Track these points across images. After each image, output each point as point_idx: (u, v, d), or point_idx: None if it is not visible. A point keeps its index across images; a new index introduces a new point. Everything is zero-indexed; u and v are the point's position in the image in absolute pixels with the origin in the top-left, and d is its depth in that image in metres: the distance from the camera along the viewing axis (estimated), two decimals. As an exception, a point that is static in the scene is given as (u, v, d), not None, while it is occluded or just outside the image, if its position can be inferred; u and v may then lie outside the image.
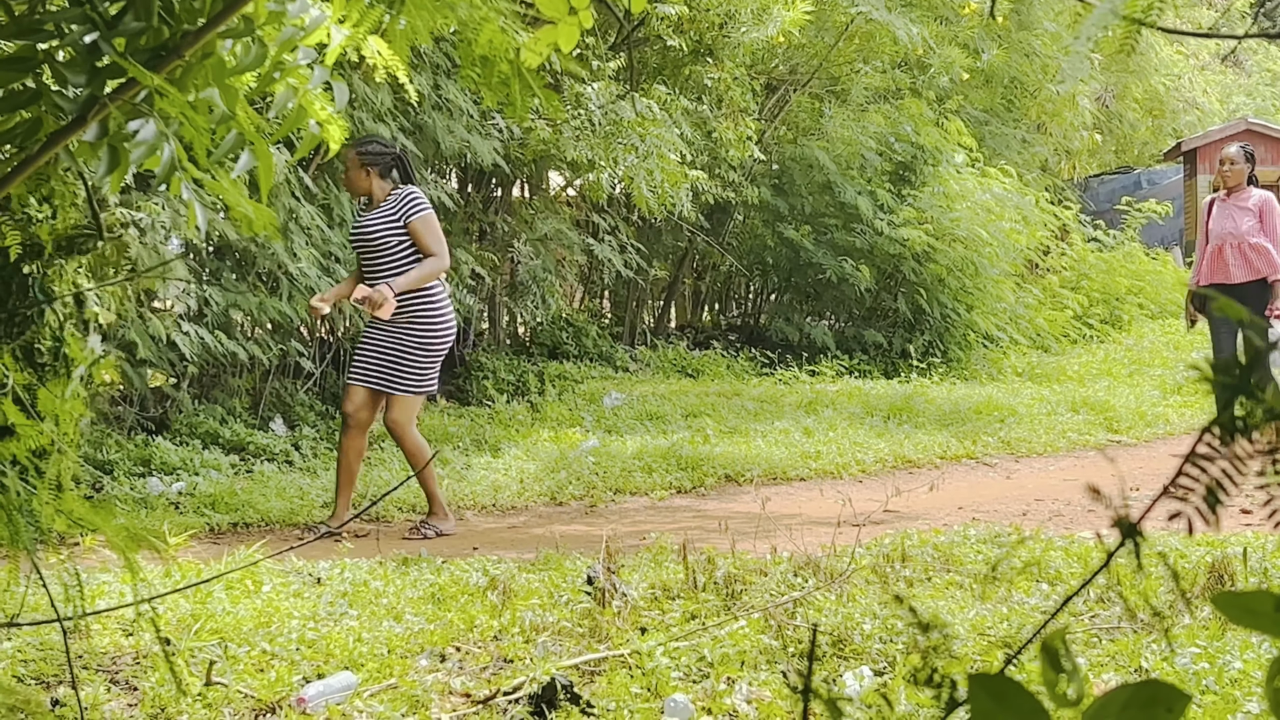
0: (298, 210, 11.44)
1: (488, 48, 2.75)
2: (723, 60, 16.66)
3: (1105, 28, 2.29)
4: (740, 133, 16.69)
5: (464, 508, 10.10)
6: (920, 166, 19.04)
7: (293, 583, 6.84)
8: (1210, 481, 1.18)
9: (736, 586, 6.52)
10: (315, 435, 11.97)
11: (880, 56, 19.53)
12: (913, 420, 13.90)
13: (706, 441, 12.36)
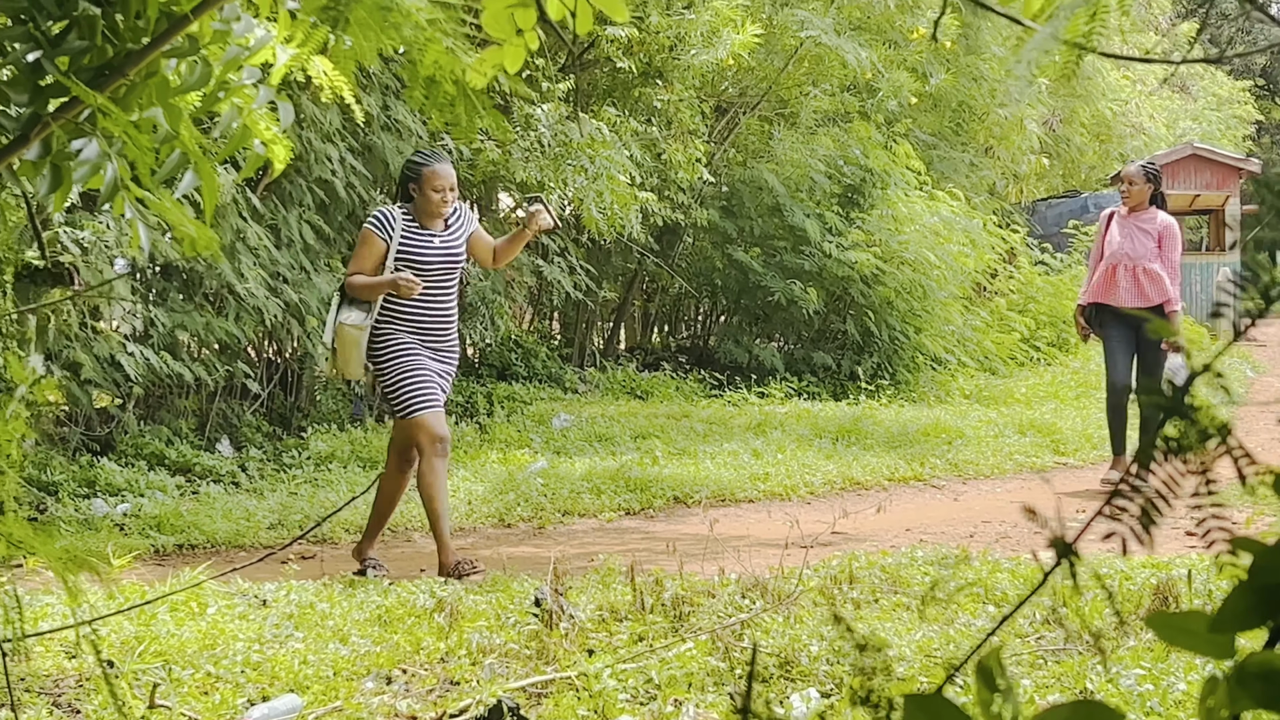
0: (245, 230, 11.39)
1: (433, 69, 2.75)
2: (672, 82, 16.70)
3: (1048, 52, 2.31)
4: (690, 155, 16.73)
5: (411, 529, 10.07)
6: (869, 189, 19.11)
7: (238, 604, 6.80)
8: (1144, 502, 1.19)
9: (684, 608, 6.52)
10: (262, 456, 11.91)
11: (829, 80, 19.59)
12: (861, 442, 13.93)
13: (655, 463, 12.36)
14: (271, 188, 12.09)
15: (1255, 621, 1.14)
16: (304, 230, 12.24)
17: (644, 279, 20.02)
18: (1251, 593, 1.13)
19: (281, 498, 10.59)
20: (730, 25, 16.16)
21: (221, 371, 11.88)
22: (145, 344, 11.00)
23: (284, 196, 12.19)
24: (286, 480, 11.30)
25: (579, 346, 18.50)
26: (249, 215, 11.55)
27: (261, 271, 11.61)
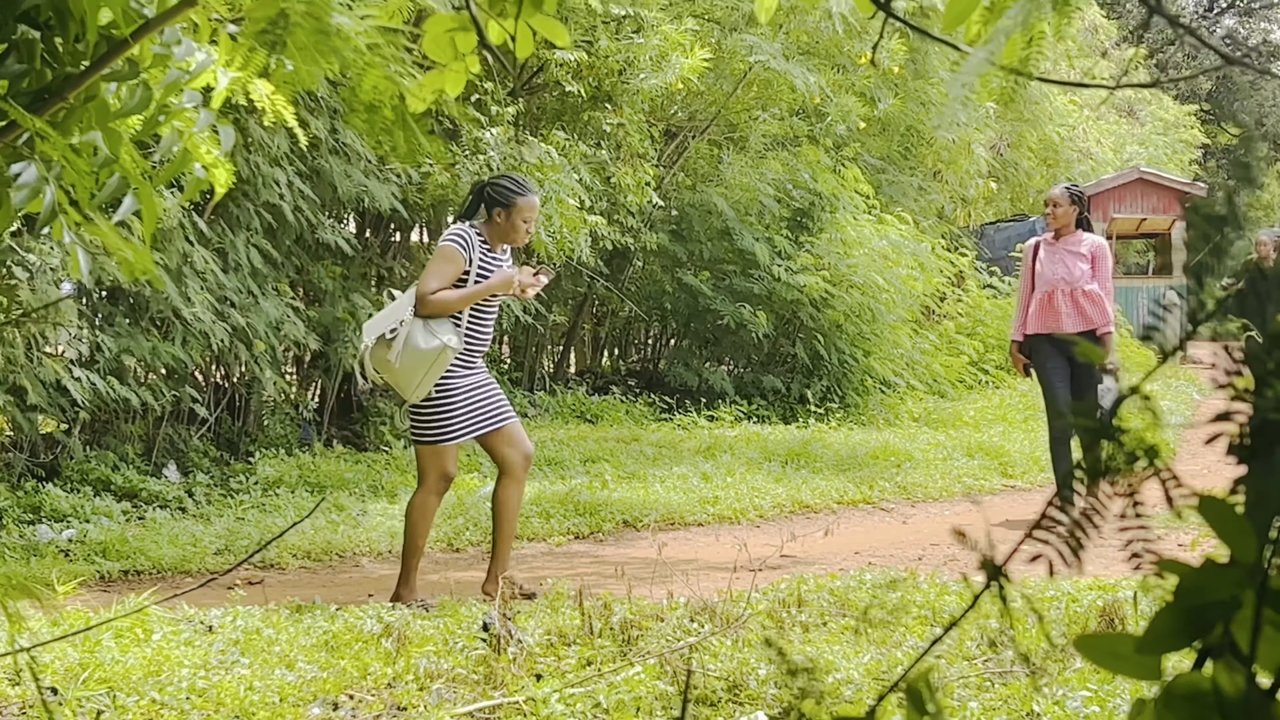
0: (192, 254, 11.34)
1: (372, 94, 2.74)
2: (621, 106, 16.72)
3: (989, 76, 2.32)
4: (639, 178, 16.75)
5: (359, 554, 10.03)
6: (817, 213, 19.18)
7: (184, 631, 6.75)
8: (1071, 525, 1.20)
9: (633, 632, 6.51)
10: (209, 482, 11.84)
11: (778, 104, 19.66)
12: (810, 465, 13.96)
13: (605, 487, 12.35)
14: (218, 211, 12.05)
15: (1181, 643, 1.14)
16: (251, 254, 12.19)
17: (594, 302, 20.02)
18: (1177, 615, 1.13)
19: (228, 523, 10.53)
20: (679, 50, 16.20)
21: (168, 396, 11.81)
22: (91, 369, 10.93)
23: (231, 220, 12.14)
24: (234, 505, 11.24)
25: (529, 370, 18.48)
26: (195, 239, 11.50)
27: (208, 295, 11.56)
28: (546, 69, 15.87)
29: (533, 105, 16.97)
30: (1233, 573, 1.11)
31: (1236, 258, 1.16)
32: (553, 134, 15.75)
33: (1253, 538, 1.11)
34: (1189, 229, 1.16)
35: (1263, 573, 1.09)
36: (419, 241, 16.64)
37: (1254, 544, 1.10)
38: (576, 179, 15.33)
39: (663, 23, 16.36)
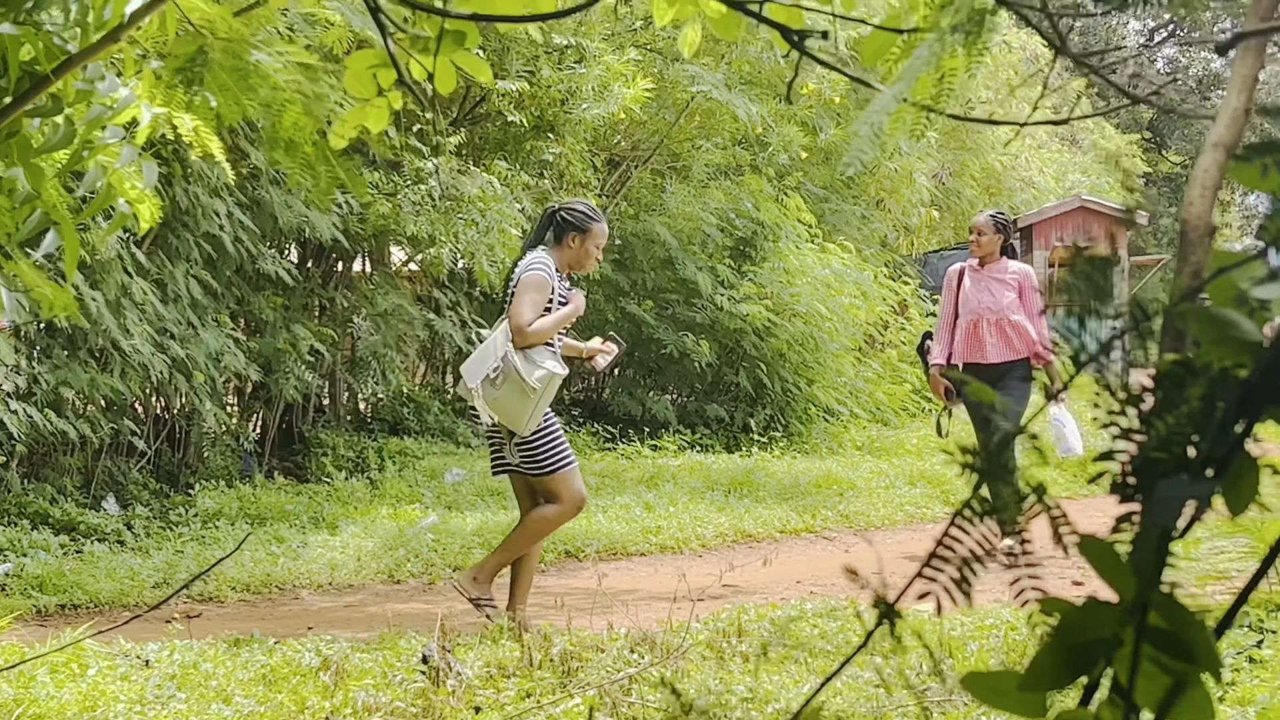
0: (130, 286, 11.28)
1: (292, 130, 2.74)
2: (564, 136, 16.74)
3: (905, 116, 2.34)
4: (581, 208, 16.74)
5: (299, 587, 9.98)
6: (760, 242, 19.23)
7: (120, 665, 6.70)
8: (960, 561, 1.21)
9: (573, 664, 6.51)
10: (149, 514, 11.76)
11: (721, 133, 19.70)
12: (753, 494, 13.97)
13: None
14: (157, 243, 12.00)
15: (1064, 680, 1.15)
16: (191, 285, 12.13)
17: (537, 332, 19.98)
18: (1060, 652, 1.15)
19: (167, 556, 10.46)
20: (621, 80, 16.24)
21: (107, 428, 11.73)
22: (28, 401, 10.85)
23: (170, 251, 12.08)
24: (173, 538, 11.16)
25: (472, 401, 18.43)
26: (134, 270, 11.44)
27: (147, 327, 11.50)
28: (488, 99, 15.88)
29: (475, 135, 16.97)
30: (1113, 610, 1.13)
31: (1120, 299, 1.18)
32: (495, 164, 15.76)
33: (1131, 576, 1.12)
34: (1069, 270, 1.18)
35: (1142, 610, 1.10)
36: (361, 271, 16.61)
37: (1133, 582, 1.12)
38: (519, 209, 15.33)
39: (605, 53, 16.39)
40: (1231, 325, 1.14)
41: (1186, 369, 1.14)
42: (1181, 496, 1.10)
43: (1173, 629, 1.10)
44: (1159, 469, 1.14)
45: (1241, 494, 1.16)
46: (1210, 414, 1.13)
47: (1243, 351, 1.14)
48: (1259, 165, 1.17)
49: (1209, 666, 1.10)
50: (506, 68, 15.49)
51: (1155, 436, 1.14)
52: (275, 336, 13.64)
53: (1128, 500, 1.15)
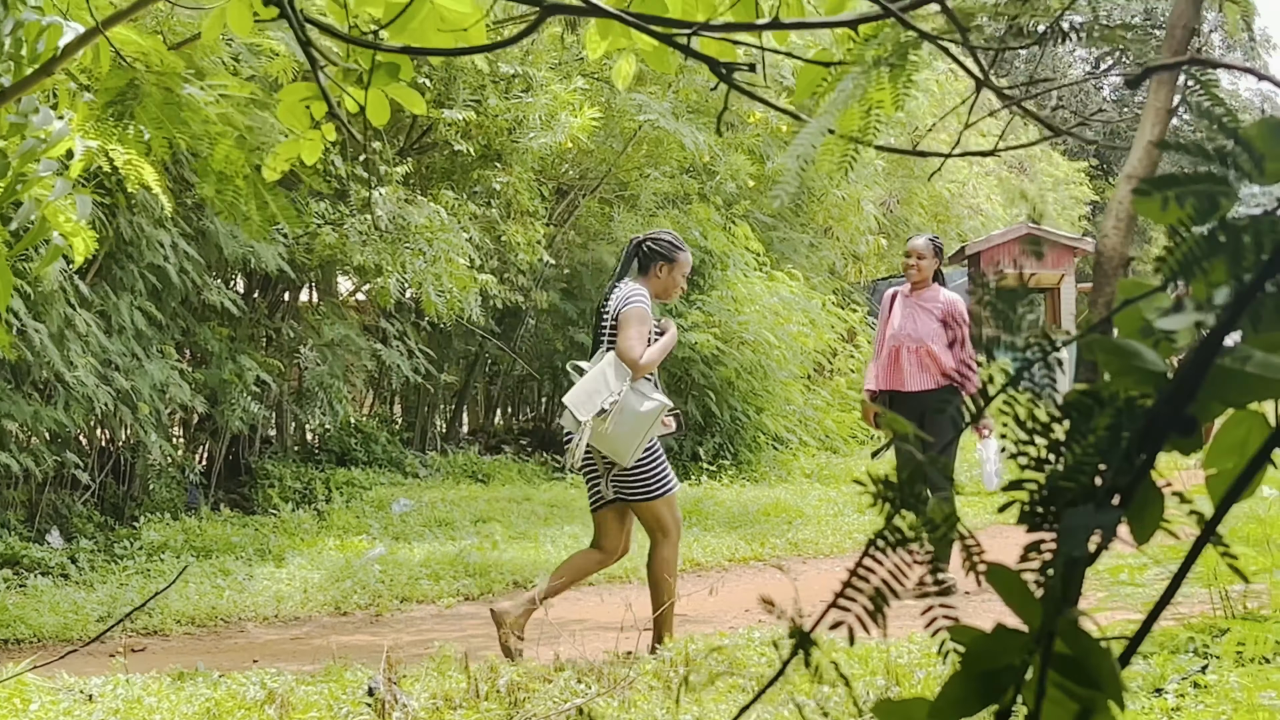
0: (73, 318, 11.22)
1: (224, 163, 2.74)
2: (511, 165, 16.75)
3: (832, 148, 2.36)
4: (529, 237, 16.77)
5: (245, 619, 9.93)
6: (708, 270, 19.27)
7: (63, 700, 6.65)
8: (872, 590, 1.22)
9: (519, 694, 6.50)
10: (93, 547, 11.67)
11: (668, 162, 19.75)
12: (702, 523, 13.97)
13: (495, 547, 12.31)
14: (101, 274, 11.93)
15: (973, 708, 1.16)
16: (135, 316, 12.06)
17: (486, 362, 19.99)
18: (969, 680, 1.16)
19: (112, 589, 10.38)
20: (568, 109, 16.26)
21: (51, 461, 11.64)
22: (-29, 434, 10.78)
23: (114, 282, 12.02)
24: (118, 571, 11.09)
25: (420, 430, 18.40)
26: (77, 302, 11.38)
27: (91, 359, 11.43)
28: (435, 128, 15.88)
29: (422, 164, 16.97)
30: (1021, 638, 1.14)
31: (1030, 330, 1.19)
32: (442, 193, 15.75)
33: (1037, 604, 1.13)
34: (986, 306, 1.20)
35: (1048, 638, 1.11)
36: (308, 301, 16.57)
37: (1038, 610, 1.13)
38: (466, 238, 15.32)
39: (552, 82, 16.42)
40: (1136, 356, 1.16)
41: (1093, 399, 1.16)
42: (1087, 525, 1.12)
43: (1078, 656, 1.11)
44: (1067, 498, 1.15)
45: (1146, 522, 1.18)
46: (1116, 443, 1.15)
47: (1147, 381, 1.15)
48: (1159, 199, 1.19)
49: (1112, 694, 1.11)
50: (453, 97, 15.50)
51: (1064, 466, 1.16)
52: (221, 367, 13.59)
53: (1036, 529, 1.17)
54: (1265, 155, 1.19)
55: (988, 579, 1.17)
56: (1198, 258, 1.16)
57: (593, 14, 2.38)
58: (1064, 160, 43.57)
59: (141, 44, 2.76)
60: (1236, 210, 1.18)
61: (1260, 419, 1.25)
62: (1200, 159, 1.19)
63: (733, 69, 2.12)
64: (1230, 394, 1.15)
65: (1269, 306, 1.15)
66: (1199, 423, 1.15)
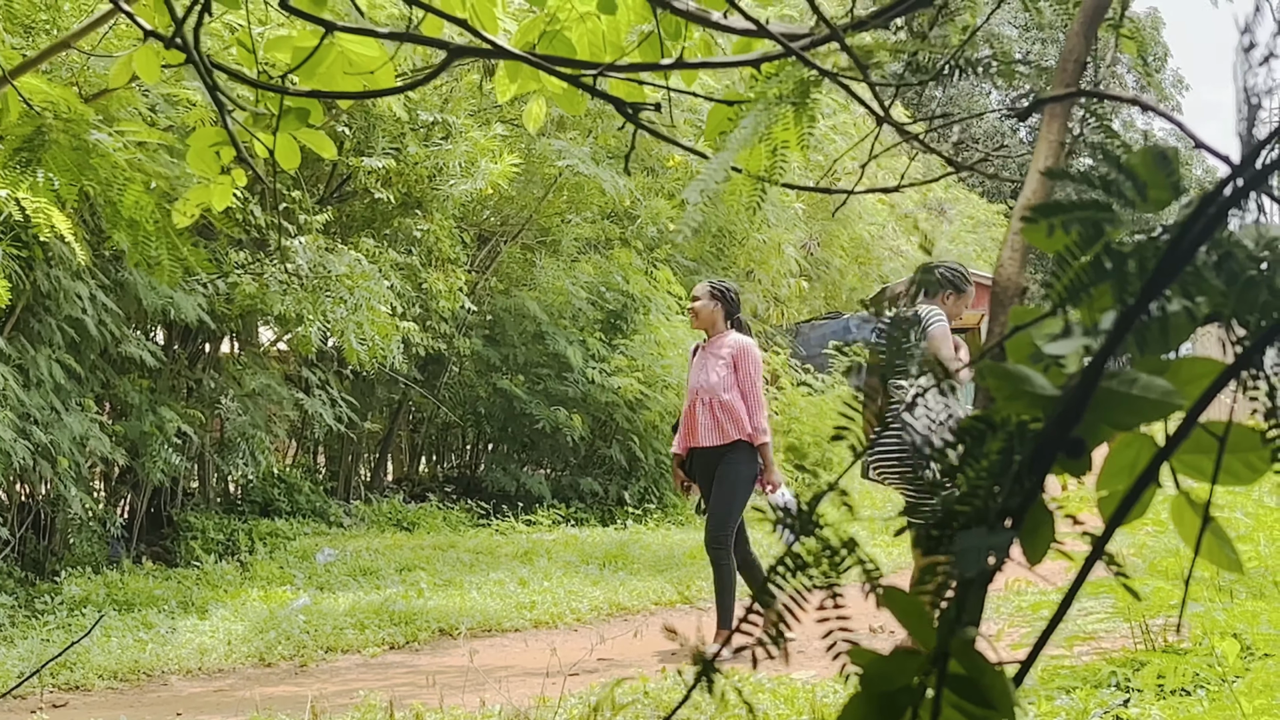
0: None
1: (134, 209, 2.74)
2: (432, 212, 16.76)
3: (739, 188, 2.38)
4: (451, 284, 16.77)
5: (168, 673, 9.83)
6: (631, 315, 19.34)
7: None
8: (774, 617, 1.24)
9: (445, 742, 6.47)
10: (14, 603, 11.53)
11: (589, 207, 19.84)
12: (628, 567, 13.98)
13: (420, 595, 12.26)
14: (18, 327, 11.83)
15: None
16: (54, 369, 11.95)
17: (409, 409, 19.95)
18: (868, 701, 1.17)
19: (33, 645, 10.25)
20: (488, 155, 16.29)
21: (-32, 517, 11.51)
22: (-114, 491, 10.64)
23: (32, 335, 11.92)
24: (39, 627, 10.95)
25: (344, 479, 18.33)
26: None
27: (9, 413, 11.31)
28: (355, 176, 15.87)
29: (343, 212, 16.94)
30: (917, 659, 1.16)
31: (921, 359, 1.22)
32: (363, 241, 15.73)
33: (932, 626, 1.15)
34: (878, 334, 1.22)
35: (943, 659, 1.13)
36: (229, 353, 16.48)
37: (933, 631, 1.15)
38: (388, 285, 15.30)
39: (470, 129, 16.45)
40: (1025, 380, 1.18)
41: (986, 424, 1.18)
42: (980, 547, 1.13)
43: (973, 676, 1.13)
44: (961, 521, 1.17)
45: (1038, 543, 1.20)
46: (1008, 466, 1.17)
47: (1036, 405, 1.18)
48: (1045, 226, 1.21)
49: (1005, 712, 1.13)
50: (373, 145, 15.50)
51: (958, 490, 1.18)
52: (141, 419, 13.48)
53: (931, 552, 1.19)
54: (1148, 183, 1.23)
55: (883, 601, 1.19)
56: (1084, 284, 1.18)
57: (499, 56, 2.40)
58: (983, 202, 44.09)
59: (50, 93, 2.75)
60: (1122, 237, 1.21)
61: (1148, 440, 1.28)
62: (1086, 187, 1.22)
63: (639, 109, 2.14)
64: (1118, 416, 1.18)
65: (1153, 330, 1.18)
66: (1086, 445, 1.18)
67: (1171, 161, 1.23)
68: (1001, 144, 49.13)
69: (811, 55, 2.10)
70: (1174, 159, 1.23)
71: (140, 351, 13.27)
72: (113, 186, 2.68)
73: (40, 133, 2.51)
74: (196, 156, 2.78)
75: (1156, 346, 1.18)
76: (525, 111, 3.43)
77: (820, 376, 25.84)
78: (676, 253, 22.10)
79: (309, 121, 2.66)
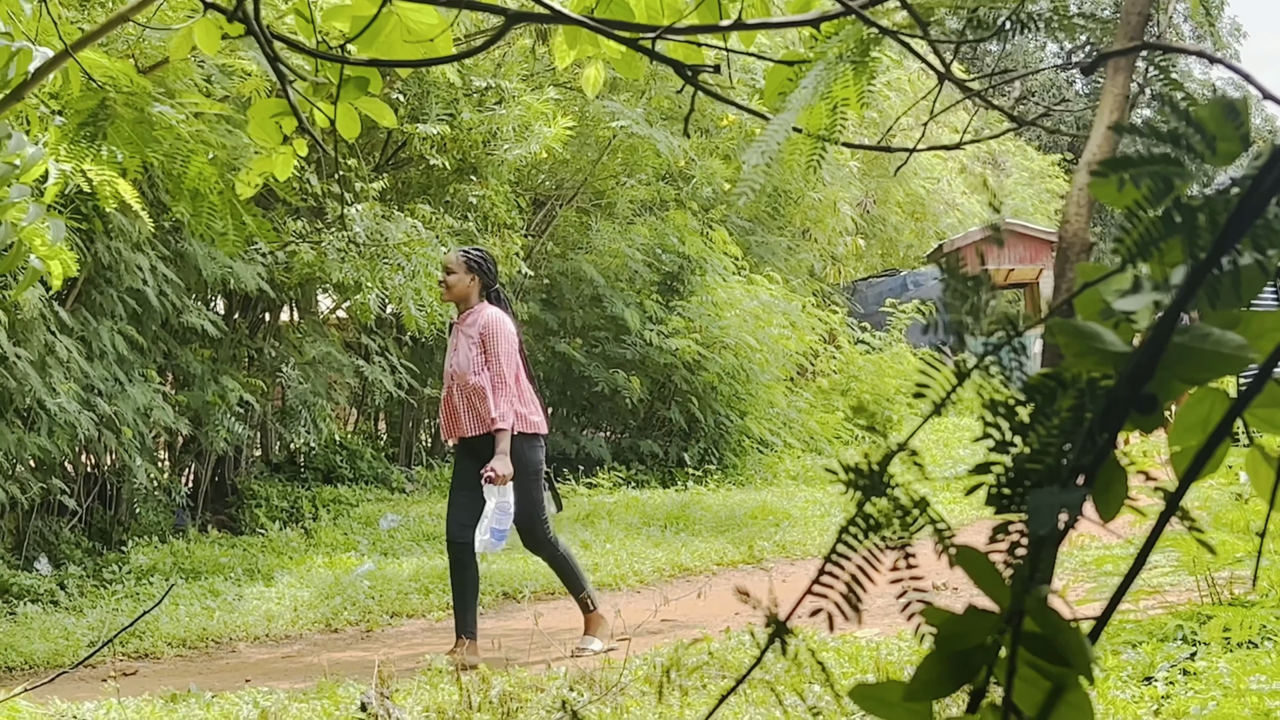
0: (54, 344, 11.20)
1: (197, 180, 2.75)
2: (487, 178, 16.75)
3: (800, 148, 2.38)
4: (508, 249, 16.78)
5: (236, 640, 9.92)
6: (687, 276, 19.31)
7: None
8: (848, 578, 1.24)
9: (512, 705, 6.50)
10: (82, 573, 11.65)
11: (644, 169, 19.79)
12: (689, 528, 14.00)
13: (484, 559, 12.30)
14: (81, 299, 11.92)
15: (947, 689, 1.18)
16: (116, 341, 12.03)
17: (469, 375, 19.96)
18: (941, 661, 1.17)
19: (102, 614, 10.37)
20: (542, 119, 16.27)
21: (36, 489, 11.61)
22: (-45, 464, 10.76)
23: (94, 308, 12.00)
24: (107, 596, 11.07)
25: (405, 445, 18.40)
26: (57, 329, 11.35)
27: (74, 385, 11.40)
28: (410, 144, 15.89)
29: (398, 180, 16.96)
30: (990, 618, 1.16)
31: (994, 314, 1.21)
32: (419, 207, 15.74)
33: (1004, 584, 1.15)
34: (947, 288, 1.21)
35: (1018, 617, 1.13)
36: (289, 321, 16.56)
37: (1006, 590, 1.15)
38: (444, 252, 15.32)
39: (524, 93, 16.42)
40: (1095, 337, 1.18)
41: (1056, 381, 1.18)
42: (1053, 505, 1.13)
43: (1047, 634, 1.13)
44: (1032, 479, 1.17)
45: (1111, 500, 1.20)
46: (1079, 424, 1.16)
47: (1107, 362, 1.17)
48: (1115, 180, 1.21)
49: (1082, 670, 1.13)
50: (427, 112, 15.50)
51: (1029, 448, 1.18)
52: (204, 389, 13.57)
53: (1003, 511, 1.19)
54: (1217, 136, 1.22)
55: (957, 561, 1.19)
56: (1154, 238, 1.18)
57: (558, 21, 2.40)
58: (1038, 154, 43.69)
59: (110, 67, 2.77)
60: (1191, 191, 1.20)
61: (1221, 395, 1.27)
62: (1155, 141, 1.21)
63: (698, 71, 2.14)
64: (1190, 371, 1.17)
65: (1225, 284, 1.17)
66: (1158, 400, 1.17)
67: (1240, 114, 1.22)
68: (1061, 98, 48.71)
69: (870, 13, 2.09)
70: (1243, 111, 1.22)
71: (201, 321, 13.35)
72: (176, 158, 2.69)
73: (104, 106, 2.53)
74: (258, 127, 2.79)
75: (1228, 301, 1.17)
76: (583, 76, 3.43)
77: (878, 334, 25.77)
78: (732, 213, 22.02)
79: (368, 90, 2.68)
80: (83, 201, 10.35)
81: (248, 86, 11.43)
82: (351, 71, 2.65)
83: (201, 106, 2.96)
